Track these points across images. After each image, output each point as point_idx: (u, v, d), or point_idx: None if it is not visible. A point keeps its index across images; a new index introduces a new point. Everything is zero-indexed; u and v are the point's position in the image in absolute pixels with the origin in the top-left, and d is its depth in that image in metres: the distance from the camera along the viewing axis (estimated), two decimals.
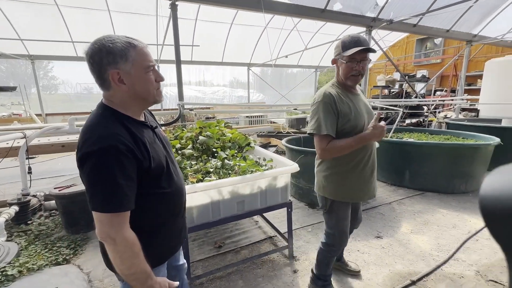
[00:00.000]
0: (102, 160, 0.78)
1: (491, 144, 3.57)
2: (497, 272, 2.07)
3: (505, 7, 6.75)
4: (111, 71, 0.83)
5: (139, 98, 0.91)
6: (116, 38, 0.85)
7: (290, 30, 9.23)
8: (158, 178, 0.94)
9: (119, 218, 0.82)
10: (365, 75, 1.52)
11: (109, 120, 0.86)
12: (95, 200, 0.80)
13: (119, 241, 0.81)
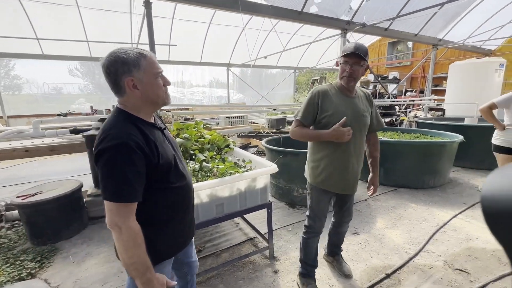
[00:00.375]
0: (115, 155, 0.88)
1: (455, 142, 3.83)
2: (462, 261, 2.22)
3: (465, 15, 7.30)
4: (126, 79, 0.94)
5: (150, 102, 1.01)
6: (128, 49, 0.96)
7: (268, 31, 9.30)
8: (167, 174, 1.02)
9: (126, 209, 0.90)
10: (357, 79, 1.64)
11: (124, 121, 0.96)
12: (107, 191, 0.89)
13: (124, 230, 0.88)
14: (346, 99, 1.67)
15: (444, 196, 3.58)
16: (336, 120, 1.59)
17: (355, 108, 1.67)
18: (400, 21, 6.03)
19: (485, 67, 6.38)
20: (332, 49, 11.49)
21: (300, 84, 17.54)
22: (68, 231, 2.64)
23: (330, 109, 1.62)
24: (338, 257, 2.15)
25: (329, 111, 1.62)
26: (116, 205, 0.88)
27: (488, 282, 1.96)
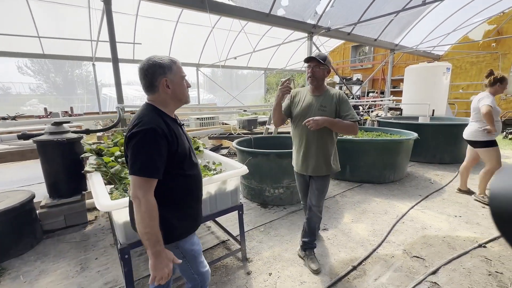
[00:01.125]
0: (144, 137, 1.06)
1: (411, 139, 4.18)
2: (418, 249, 2.42)
3: (417, 23, 8.00)
4: (162, 79, 1.15)
5: (177, 99, 1.23)
6: (162, 56, 1.17)
7: (238, 32, 9.30)
8: (182, 162, 1.19)
9: (148, 184, 1.06)
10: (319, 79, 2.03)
11: (152, 113, 1.15)
12: (134, 166, 1.05)
13: (143, 202, 1.04)
14: (310, 96, 2.09)
15: (402, 189, 3.88)
16: (295, 111, 2.10)
17: (313, 103, 2.05)
18: (362, 27, 6.42)
19: (435, 71, 7.04)
20: (300, 52, 11.85)
21: (271, 85, 17.80)
22: (17, 248, 2.38)
23: (295, 103, 2.14)
24: (309, 252, 2.22)
25: (294, 105, 2.14)
26: (140, 179, 1.05)
27: (440, 266, 2.16)
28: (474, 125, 3.31)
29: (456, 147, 5.19)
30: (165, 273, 1.08)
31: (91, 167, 2.07)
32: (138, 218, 1.05)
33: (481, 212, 3.11)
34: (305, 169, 2.12)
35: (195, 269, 1.31)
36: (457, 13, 8.22)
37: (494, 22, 8.76)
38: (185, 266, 1.28)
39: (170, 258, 1.12)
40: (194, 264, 1.30)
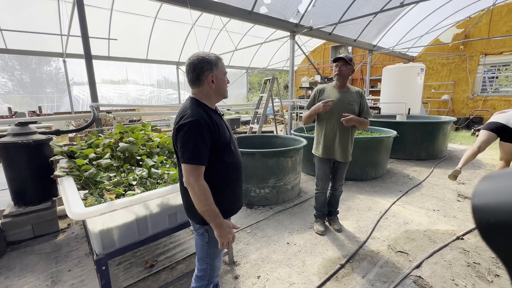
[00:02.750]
0: (190, 129, 1.16)
1: (391, 136, 4.31)
2: (402, 244, 2.48)
3: (393, 25, 8.31)
4: (209, 74, 1.25)
5: (219, 93, 1.33)
6: (209, 53, 1.27)
7: (219, 30, 9.15)
8: (224, 150, 1.28)
9: (198, 170, 1.18)
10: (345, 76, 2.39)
11: (196, 106, 1.25)
12: (185, 155, 1.17)
13: (196, 187, 1.16)
14: (338, 92, 2.41)
15: (384, 186, 3.99)
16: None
17: (342, 98, 2.38)
18: (342, 28, 6.55)
19: (410, 71, 7.35)
20: (282, 51, 11.91)
21: (253, 84, 17.78)
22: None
23: (323, 99, 2.38)
24: (334, 217, 2.82)
25: (323, 100, 2.35)
26: (191, 167, 1.16)
27: (423, 260, 2.22)
28: None
29: (431, 144, 5.44)
30: (229, 238, 1.26)
31: (62, 171, 1.89)
32: (196, 200, 1.18)
33: (456, 206, 3.26)
34: (338, 155, 2.45)
35: (211, 258, 1.38)
36: (429, 17, 8.64)
37: (462, 26, 9.33)
38: (205, 250, 1.37)
39: (230, 225, 1.30)
40: (212, 252, 1.37)
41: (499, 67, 9.09)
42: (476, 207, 0.29)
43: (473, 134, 7.97)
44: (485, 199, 0.28)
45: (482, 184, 0.30)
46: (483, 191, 0.29)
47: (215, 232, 1.23)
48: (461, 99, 9.72)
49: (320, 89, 2.50)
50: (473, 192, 0.30)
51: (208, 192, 1.19)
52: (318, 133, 2.56)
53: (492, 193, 0.28)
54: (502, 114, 3.38)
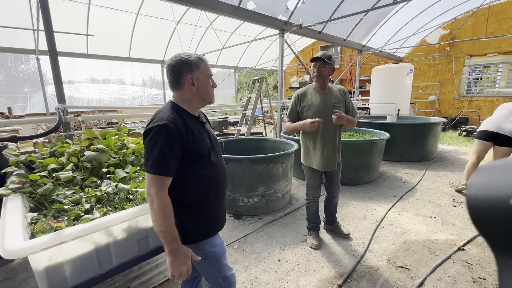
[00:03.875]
0: (157, 134, 1.04)
1: (384, 139, 4.17)
2: (402, 257, 2.30)
3: (382, 25, 8.27)
4: (188, 76, 1.14)
5: (200, 97, 1.19)
6: (191, 53, 1.17)
7: (206, 28, 8.83)
8: (199, 161, 1.14)
9: (161, 182, 1.04)
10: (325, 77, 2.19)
11: (171, 110, 1.13)
12: (147, 164, 1.05)
13: (156, 200, 1.02)
14: (320, 95, 2.21)
15: (377, 191, 3.83)
16: (312, 111, 2.17)
17: (326, 101, 2.18)
18: (331, 27, 6.40)
19: (399, 71, 7.31)
20: (271, 50, 11.71)
21: (241, 84, 17.50)
22: None
23: (306, 105, 2.21)
24: (336, 223, 2.69)
25: (306, 106, 2.20)
26: (152, 176, 1.02)
27: (426, 276, 2.04)
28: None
29: (421, 145, 5.37)
30: (184, 270, 1.08)
31: (7, 188, 1.56)
32: (152, 216, 1.04)
33: (453, 212, 3.14)
34: (332, 165, 2.29)
35: (219, 272, 1.24)
36: (416, 18, 8.67)
37: (448, 28, 9.44)
38: (207, 268, 1.22)
39: (188, 255, 1.10)
40: (216, 267, 1.23)
41: (482, 68, 9.26)
42: (469, 196, 0.32)
43: (460, 135, 8.04)
44: (477, 189, 0.31)
45: (474, 176, 0.32)
46: (474, 183, 0.31)
47: (168, 259, 1.07)
48: (447, 100, 9.85)
49: (300, 94, 2.27)
50: (468, 183, 0.32)
51: (169, 209, 1.04)
52: (305, 143, 2.35)
53: (482, 183, 0.31)
54: (491, 120, 3.40)
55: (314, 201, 2.50)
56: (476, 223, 0.31)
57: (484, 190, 0.29)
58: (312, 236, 2.53)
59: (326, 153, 2.25)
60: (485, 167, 0.32)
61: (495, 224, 0.28)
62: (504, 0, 8.10)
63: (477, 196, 0.30)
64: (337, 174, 2.44)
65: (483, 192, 0.29)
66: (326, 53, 2.13)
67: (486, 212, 0.29)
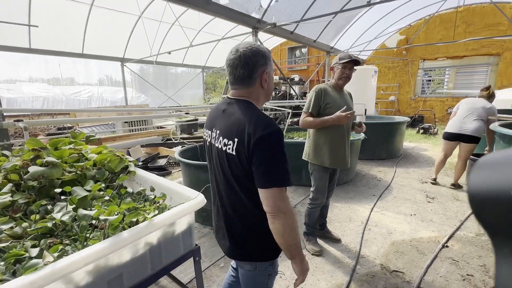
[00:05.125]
0: (279, 141, 0.94)
1: (360, 139, 4.23)
2: (394, 260, 2.26)
3: (349, 27, 8.60)
4: (264, 71, 1.03)
5: (268, 94, 1.11)
6: (259, 44, 1.04)
7: (171, 24, 8.29)
8: None
9: (286, 193, 0.96)
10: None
11: (258, 110, 1.02)
12: (277, 176, 0.92)
13: (289, 213, 0.94)
14: (340, 95, 2.20)
15: (357, 190, 3.86)
16: (335, 110, 2.08)
17: (347, 102, 2.21)
18: (302, 28, 6.42)
19: (365, 73, 7.64)
20: None
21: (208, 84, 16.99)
22: None
23: (330, 102, 2.12)
24: (326, 228, 2.63)
25: (330, 103, 2.12)
26: (281, 190, 0.93)
27: (420, 279, 2.02)
28: (480, 124, 3.47)
29: (390, 143, 5.63)
30: (307, 274, 1.08)
31: None
32: (288, 231, 0.95)
33: (429, 208, 3.25)
34: (347, 163, 2.28)
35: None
36: (377, 23, 9.18)
37: (404, 33, 10.19)
38: (265, 284, 1.16)
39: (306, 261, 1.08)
40: (271, 284, 1.19)
41: (434, 71, 10.18)
42: (470, 189, 0.32)
43: (418, 132, 8.70)
44: (478, 182, 0.31)
45: (475, 169, 0.32)
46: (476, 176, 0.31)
47: (298, 268, 1.03)
48: (405, 100, 10.63)
49: (323, 89, 2.16)
50: (469, 176, 0.33)
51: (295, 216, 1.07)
52: (320, 141, 2.23)
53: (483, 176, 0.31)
54: (454, 122, 3.73)
55: (319, 206, 2.39)
56: (477, 214, 0.31)
57: (485, 182, 0.30)
58: (312, 242, 2.44)
59: (343, 151, 2.23)
60: (485, 161, 0.32)
61: (496, 215, 0.28)
62: (450, 10, 8.97)
63: (478, 188, 0.30)
64: (337, 173, 2.46)
65: (485, 184, 0.29)
66: (358, 58, 2.22)
67: (487, 203, 0.29)
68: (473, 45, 8.83)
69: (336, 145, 2.18)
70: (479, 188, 0.31)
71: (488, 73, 9.04)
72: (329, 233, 2.60)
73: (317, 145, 2.24)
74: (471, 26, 8.83)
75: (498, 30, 8.36)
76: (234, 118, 1.01)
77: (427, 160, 5.51)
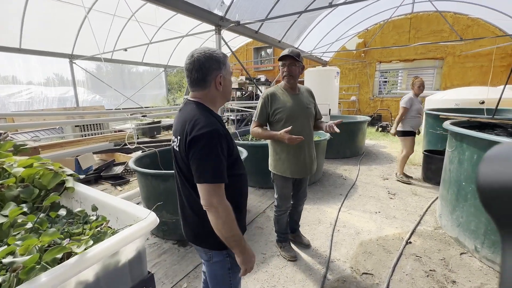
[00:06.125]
0: (210, 141, 1.01)
1: (326, 139, 4.27)
2: (362, 262, 2.25)
3: (311, 30, 8.79)
4: (217, 74, 1.10)
5: (224, 97, 1.19)
6: (215, 49, 1.12)
7: (127, 19, 7.67)
8: (236, 162, 1.16)
9: (221, 189, 1.04)
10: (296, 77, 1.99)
11: (206, 112, 1.09)
12: (206, 174, 1.01)
13: (221, 209, 1.02)
14: (291, 96, 2.02)
15: (324, 190, 3.88)
16: (286, 114, 1.96)
17: (300, 103, 2.02)
18: (266, 28, 6.36)
19: (328, 74, 7.89)
20: None
21: (172, 84, 16.23)
22: None
23: (280, 107, 1.98)
24: (298, 232, 2.55)
25: (279, 109, 1.98)
26: (214, 186, 1.01)
27: (388, 280, 2.02)
28: None
29: (353, 142, 5.84)
30: (252, 265, 1.12)
31: None
32: (220, 224, 1.03)
33: (392, 204, 3.37)
34: (309, 171, 2.15)
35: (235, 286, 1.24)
36: (338, 26, 9.55)
37: (362, 37, 10.77)
38: (227, 280, 1.21)
39: (252, 252, 1.14)
40: (235, 282, 1.23)
41: (389, 73, 10.93)
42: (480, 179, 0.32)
43: (377, 130, 9.23)
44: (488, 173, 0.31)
45: (485, 161, 0.32)
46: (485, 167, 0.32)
47: (239, 258, 1.09)
48: (365, 100, 11.25)
49: (270, 94, 2.02)
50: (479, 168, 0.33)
51: (233, 213, 1.06)
52: (276, 149, 2.10)
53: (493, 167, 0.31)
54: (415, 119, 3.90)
55: (286, 212, 2.30)
56: (486, 205, 0.31)
57: (495, 172, 0.30)
58: (286, 248, 2.35)
59: (303, 158, 2.07)
60: (494, 153, 0.32)
61: (505, 204, 0.29)
62: (402, 16, 9.69)
63: (488, 179, 0.31)
64: (306, 180, 2.31)
65: (495, 175, 0.30)
66: (294, 50, 1.93)
67: (496, 192, 0.30)
68: (421, 50, 9.65)
69: (296, 153, 2.04)
70: (488, 180, 0.31)
71: (434, 75, 9.95)
72: (299, 237, 2.53)
73: (276, 153, 2.11)
74: (419, 32, 9.63)
75: (441, 36, 9.24)
76: (182, 117, 1.11)
77: (387, 157, 5.82)
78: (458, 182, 2.46)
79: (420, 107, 3.93)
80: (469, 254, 2.32)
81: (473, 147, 2.27)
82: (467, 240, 2.35)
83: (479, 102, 6.54)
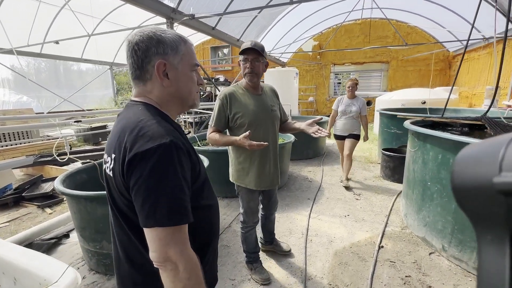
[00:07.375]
0: (164, 158, 0.66)
1: (291, 141, 4.12)
2: (340, 275, 2.09)
3: (269, 30, 8.71)
4: (158, 61, 0.74)
5: (178, 98, 0.81)
6: (167, 30, 0.79)
7: (60, 8, 6.58)
8: (202, 188, 0.82)
9: (182, 234, 0.67)
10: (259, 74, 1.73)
11: (157, 117, 0.74)
12: (158, 212, 0.64)
13: (183, 262, 0.65)
14: (254, 97, 1.77)
15: (292, 196, 3.70)
16: (248, 119, 1.72)
17: (264, 105, 1.78)
18: (224, 25, 6.03)
19: (288, 75, 7.88)
20: None
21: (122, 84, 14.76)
22: None
23: (240, 110, 1.73)
24: (275, 241, 2.36)
25: (240, 112, 1.73)
26: (171, 230, 0.65)
27: None
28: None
29: (315, 142, 5.85)
30: None
31: None
32: (179, 284, 0.65)
33: (359, 206, 3.34)
34: (276, 181, 1.94)
35: None
36: (294, 28, 9.67)
37: (317, 39, 11.14)
38: None
39: None
40: None
41: (342, 74, 11.51)
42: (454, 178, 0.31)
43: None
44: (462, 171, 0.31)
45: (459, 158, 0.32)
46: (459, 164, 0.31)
47: None
48: (321, 101, 11.65)
49: (228, 94, 1.75)
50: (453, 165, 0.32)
51: (200, 269, 0.69)
52: (238, 158, 1.85)
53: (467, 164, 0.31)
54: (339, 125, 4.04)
55: (254, 227, 2.05)
56: (460, 203, 0.31)
57: (468, 173, 0.30)
58: (258, 269, 2.06)
59: (268, 168, 1.84)
60: (465, 153, 0.32)
61: (478, 202, 0.29)
62: (352, 21, 10.25)
63: (461, 177, 0.31)
64: (275, 189, 2.11)
65: (468, 176, 0.30)
66: (258, 43, 1.65)
67: (470, 191, 0.29)
68: (370, 53, 10.34)
69: (261, 162, 1.81)
70: (462, 181, 0.30)
71: (381, 77, 10.77)
72: (278, 246, 2.35)
73: (238, 162, 1.86)
74: (367, 36, 10.30)
75: (386, 41, 10.02)
76: (119, 126, 0.75)
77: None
78: (423, 182, 2.47)
79: (344, 109, 3.77)
80: (437, 253, 2.33)
81: (438, 147, 2.28)
82: (434, 240, 2.36)
83: (421, 102, 7.19)
